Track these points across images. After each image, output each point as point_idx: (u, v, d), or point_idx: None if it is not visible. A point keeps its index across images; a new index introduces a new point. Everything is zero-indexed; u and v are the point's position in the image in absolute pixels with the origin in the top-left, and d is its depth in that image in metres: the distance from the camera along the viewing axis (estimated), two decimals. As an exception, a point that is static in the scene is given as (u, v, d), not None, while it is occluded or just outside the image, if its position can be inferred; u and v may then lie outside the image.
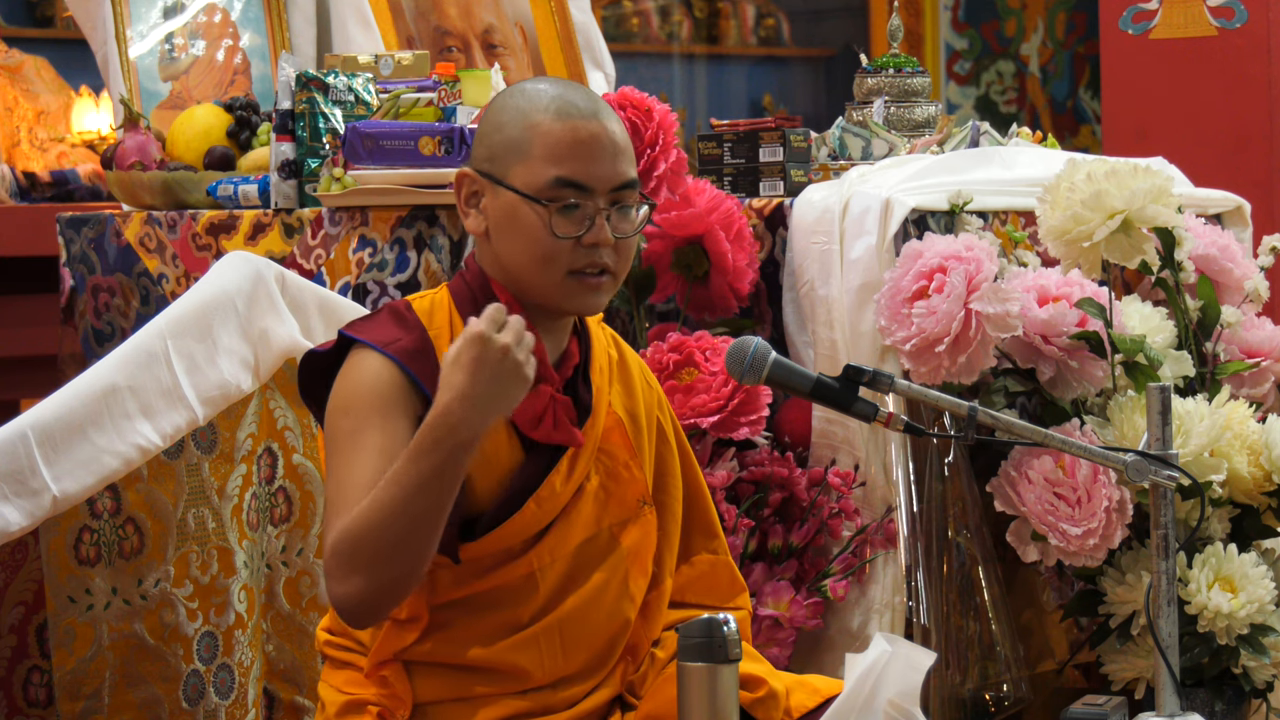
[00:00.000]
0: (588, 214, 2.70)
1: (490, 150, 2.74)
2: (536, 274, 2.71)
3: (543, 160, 2.70)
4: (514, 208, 2.71)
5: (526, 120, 2.72)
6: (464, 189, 2.77)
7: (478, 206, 2.76)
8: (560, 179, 2.69)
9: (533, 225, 2.70)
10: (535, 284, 2.72)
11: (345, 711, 2.74)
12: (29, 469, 2.92)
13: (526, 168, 2.70)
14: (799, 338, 3.71)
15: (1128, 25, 5.05)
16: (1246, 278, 3.96)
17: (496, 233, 2.74)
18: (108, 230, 4.08)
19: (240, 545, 3.29)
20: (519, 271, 2.73)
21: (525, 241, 2.71)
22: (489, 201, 2.74)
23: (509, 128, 2.73)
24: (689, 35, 9.98)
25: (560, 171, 2.69)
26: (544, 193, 2.69)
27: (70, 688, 3.09)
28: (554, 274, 2.70)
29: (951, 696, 3.59)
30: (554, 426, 2.73)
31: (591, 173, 2.70)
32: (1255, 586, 3.58)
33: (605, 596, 2.78)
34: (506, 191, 2.71)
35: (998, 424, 2.96)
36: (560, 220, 2.69)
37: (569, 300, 2.72)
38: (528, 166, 2.70)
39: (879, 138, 4.06)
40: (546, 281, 2.71)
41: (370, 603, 2.59)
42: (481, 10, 4.72)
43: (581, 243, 2.70)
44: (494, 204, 2.74)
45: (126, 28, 4.40)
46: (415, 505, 2.55)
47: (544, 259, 2.70)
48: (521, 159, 2.71)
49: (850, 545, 3.59)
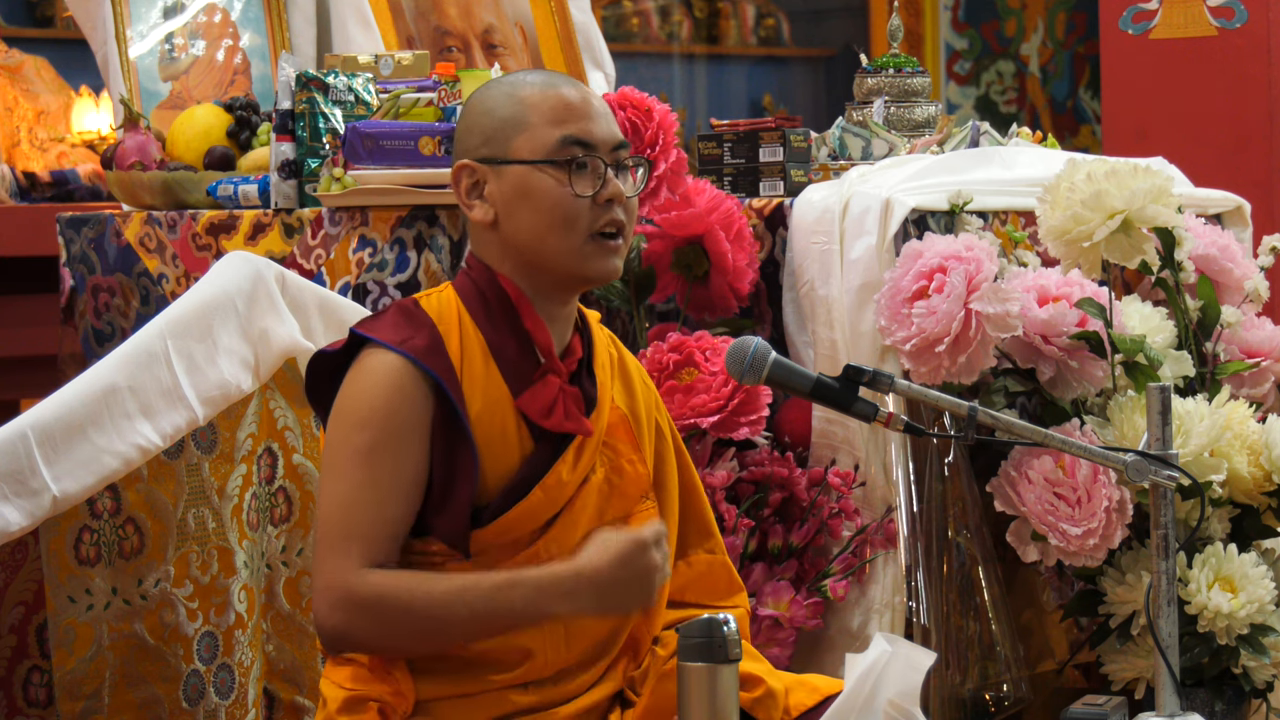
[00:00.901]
0: (598, 172, 2.75)
1: (485, 135, 2.77)
2: (558, 240, 2.74)
3: (544, 125, 2.74)
4: (524, 180, 2.74)
5: (516, 96, 2.77)
6: (463, 181, 2.79)
7: (481, 195, 2.78)
8: (567, 137, 2.74)
9: (550, 190, 2.73)
10: (557, 252, 2.74)
11: (347, 707, 2.74)
12: (29, 469, 2.92)
13: (529, 137, 2.74)
14: (799, 338, 3.71)
15: (1128, 25, 5.05)
16: (1246, 278, 3.96)
17: (508, 213, 2.76)
18: (108, 230, 4.08)
19: (240, 545, 3.29)
20: (538, 245, 2.75)
21: (544, 210, 2.74)
22: (493, 186, 2.76)
23: (500, 109, 2.77)
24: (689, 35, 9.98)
25: (566, 131, 2.74)
26: (554, 154, 2.73)
27: (70, 688, 3.09)
28: (576, 237, 2.73)
29: (951, 696, 3.59)
30: (565, 416, 2.75)
31: (592, 131, 2.75)
32: (1255, 586, 3.58)
33: None
34: (513, 167, 2.74)
35: (998, 424, 2.96)
36: (576, 179, 2.73)
37: (590, 264, 2.75)
38: (530, 136, 2.74)
39: (879, 138, 4.06)
40: (568, 247, 2.74)
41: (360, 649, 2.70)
42: (481, 10, 4.72)
43: (597, 200, 2.74)
44: (500, 185, 2.76)
45: (126, 28, 4.40)
46: (466, 629, 2.65)
47: (565, 222, 2.73)
48: (522, 131, 2.74)
49: (850, 545, 3.59)
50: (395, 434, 2.68)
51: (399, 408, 2.68)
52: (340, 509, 2.66)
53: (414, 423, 2.69)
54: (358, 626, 2.64)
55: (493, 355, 2.75)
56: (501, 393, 2.74)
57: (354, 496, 2.65)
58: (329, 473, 2.70)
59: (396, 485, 2.66)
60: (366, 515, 2.65)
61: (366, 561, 2.65)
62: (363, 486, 2.65)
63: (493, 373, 2.75)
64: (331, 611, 2.64)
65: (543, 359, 2.77)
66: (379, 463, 2.66)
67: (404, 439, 2.68)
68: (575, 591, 2.62)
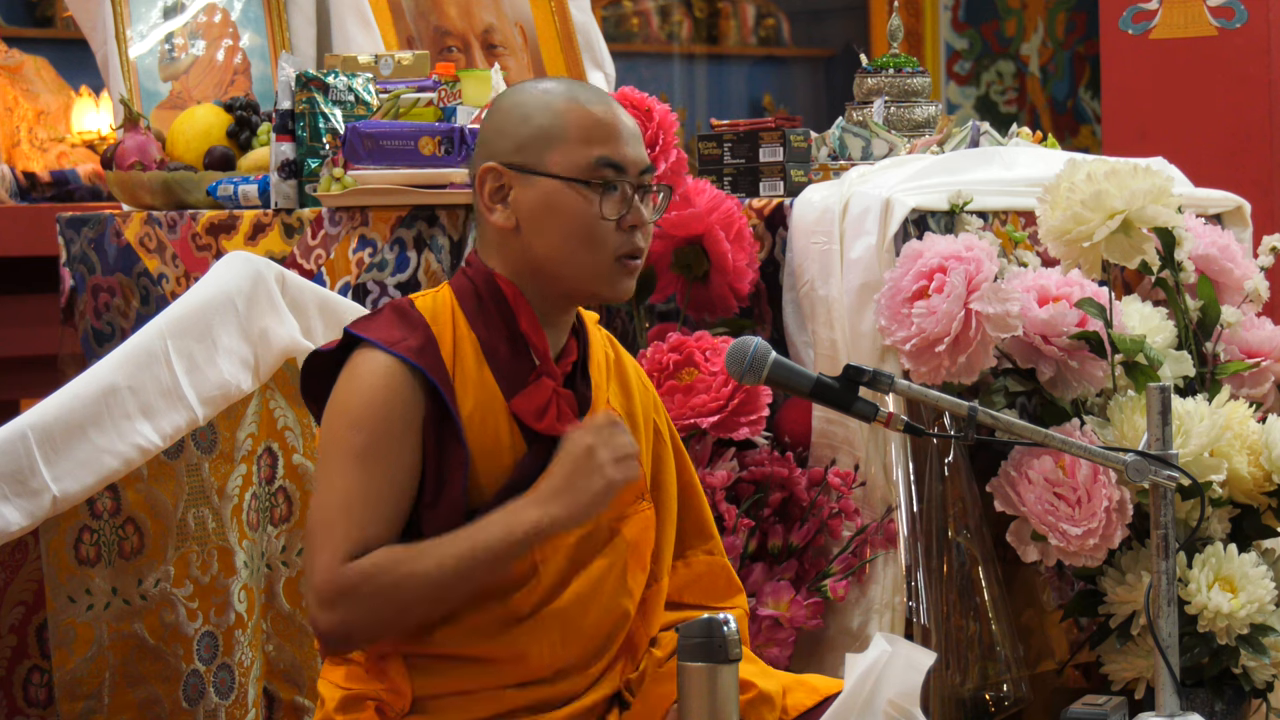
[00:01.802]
0: (625, 196, 2.75)
1: (518, 141, 2.75)
2: (582, 258, 2.74)
3: (580, 143, 2.73)
4: (554, 194, 2.73)
5: (554, 108, 2.75)
6: (488, 185, 2.77)
7: (504, 201, 2.76)
8: (601, 159, 2.73)
9: (578, 209, 2.73)
10: (579, 270, 2.74)
11: (345, 706, 2.74)
12: (29, 469, 2.92)
13: (564, 152, 2.73)
14: (799, 338, 3.71)
15: (1128, 25, 5.05)
16: (1246, 278, 3.96)
17: (531, 224, 2.75)
18: (108, 230, 4.08)
19: (240, 545, 3.29)
20: (561, 259, 2.74)
21: (571, 227, 2.73)
22: (519, 194, 2.75)
23: (537, 117, 2.75)
24: (689, 35, 9.98)
25: (600, 151, 2.73)
26: (587, 174, 2.72)
27: (70, 688, 3.09)
28: (602, 259, 2.74)
29: (951, 696, 3.59)
30: (558, 418, 2.75)
31: (624, 154, 2.75)
32: (1255, 586, 3.58)
33: (603, 589, 2.80)
34: (544, 179, 2.73)
35: (998, 424, 2.96)
36: (605, 201, 2.73)
37: (610, 285, 2.76)
38: (565, 151, 2.73)
39: (879, 138, 4.06)
40: (592, 267, 2.74)
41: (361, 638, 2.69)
42: (481, 10, 4.72)
43: (621, 225, 2.74)
44: (527, 195, 2.75)
45: (126, 28, 4.40)
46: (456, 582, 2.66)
47: (591, 242, 2.73)
48: (558, 145, 2.73)
49: (850, 545, 3.59)
50: (388, 434, 2.68)
51: (392, 408, 2.68)
52: (332, 510, 2.66)
53: (407, 423, 2.69)
54: (352, 615, 2.63)
55: (486, 357, 2.75)
56: (494, 394, 2.75)
57: (346, 498, 2.66)
58: (322, 472, 2.70)
59: (389, 486, 2.67)
60: (358, 517, 2.65)
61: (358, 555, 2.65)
62: (355, 488, 2.66)
63: (485, 374, 2.75)
64: (325, 609, 2.64)
65: (537, 362, 2.77)
66: (372, 464, 2.66)
67: (397, 439, 2.68)
68: (539, 499, 2.66)
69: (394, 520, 2.68)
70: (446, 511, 2.70)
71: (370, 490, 2.66)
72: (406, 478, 2.69)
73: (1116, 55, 5.10)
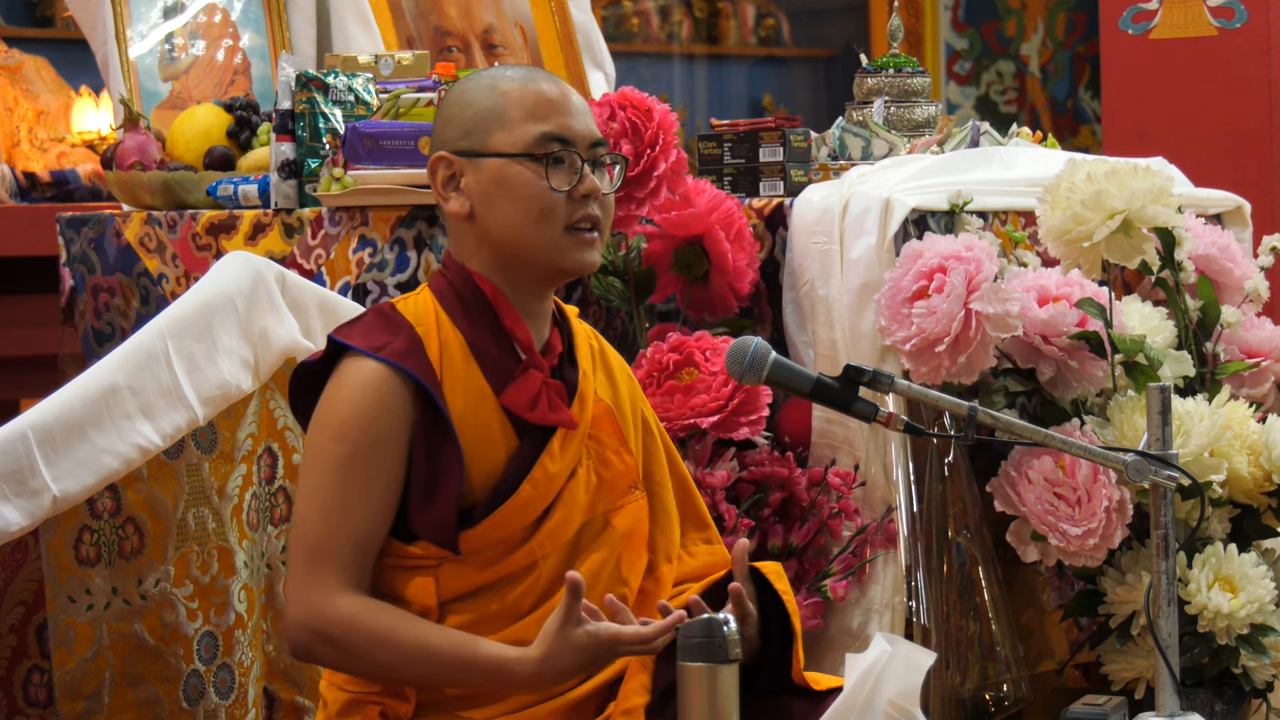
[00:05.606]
0: (574, 167, 2.76)
1: (463, 127, 2.78)
2: (534, 234, 2.76)
3: (524, 120, 2.76)
4: (502, 173, 2.76)
5: (497, 90, 2.78)
6: (440, 173, 2.81)
7: (457, 188, 2.79)
8: (546, 134, 2.76)
9: (526, 184, 2.75)
10: (533, 245, 2.76)
11: (347, 709, 2.75)
12: (29, 469, 2.92)
13: (508, 131, 2.76)
14: (799, 338, 3.70)
15: (1128, 25, 5.05)
16: (1246, 278, 3.95)
17: (484, 206, 2.77)
18: (108, 230, 4.08)
19: (240, 545, 3.29)
20: (515, 237, 2.76)
21: (520, 203, 2.75)
22: (470, 178, 2.78)
23: (480, 101, 2.79)
24: (689, 35, 9.98)
25: (545, 127, 2.76)
26: (532, 148, 2.75)
27: (70, 688, 3.09)
28: (552, 230, 2.75)
29: (951, 696, 3.59)
30: (550, 408, 2.76)
31: (571, 127, 2.77)
32: (1255, 586, 3.58)
33: (599, 581, 2.81)
34: (491, 160, 2.76)
35: (998, 424, 2.96)
36: (553, 173, 2.75)
37: (567, 256, 2.77)
38: (509, 130, 2.76)
39: (879, 138, 4.06)
40: (544, 240, 2.76)
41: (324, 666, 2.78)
42: (481, 10, 4.72)
43: (573, 196, 2.76)
44: (477, 178, 2.77)
45: (126, 28, 4.40)
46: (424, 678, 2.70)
47: (541, 215, 2.75)
48: (501, 124, 2.76)
49: (850, 545, 3.59)
50: (372, 445, 2.69)
51: (376, 418, 2.69)
52: (315, 523, 2.69)
53: (391, 432, 2.70)
54: (322, 651, 2.69)
55: (473, 354, 2.77)
56: (483, 391, 2.75)
57: (329, 510, 2.68)
58: (306, 483, 2.72)
59: (371, 498, 2.69)
60: (341, 530, 2.67)
61: (340, 581, 2.67)
62: (337, 500, 2.68)
63: (473, 371, 2.76)
64: (300, 631, 2.69)
65: (523, 355, 2.78)
66: (355, 475, 2.67)
67: (380, 450, 2.69)
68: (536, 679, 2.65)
69: (375, 533, 2.70)
70: (441, 511, 2.71)
71: (353, 503, 2.67)
72: (390, 487, 2.70)
73: (1116, 55, 5.09)
